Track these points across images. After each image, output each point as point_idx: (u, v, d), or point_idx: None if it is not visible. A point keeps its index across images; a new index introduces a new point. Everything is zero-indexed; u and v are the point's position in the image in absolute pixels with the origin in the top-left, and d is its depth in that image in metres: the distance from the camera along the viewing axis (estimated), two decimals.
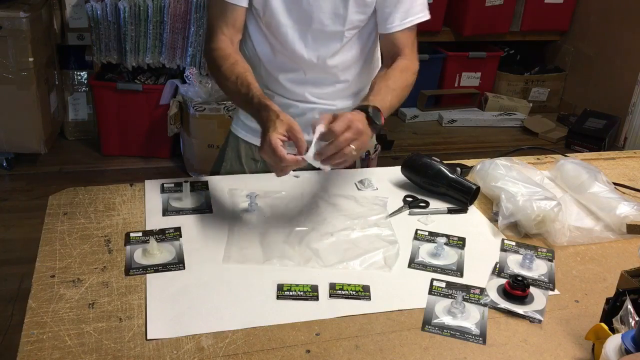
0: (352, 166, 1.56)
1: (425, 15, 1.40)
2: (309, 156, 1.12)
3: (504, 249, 1.23)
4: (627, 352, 0.83)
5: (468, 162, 1.51)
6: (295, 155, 1.13)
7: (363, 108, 1.22)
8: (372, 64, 1.52)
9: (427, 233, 1.27)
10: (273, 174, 1.45)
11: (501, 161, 1.42)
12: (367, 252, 1.19)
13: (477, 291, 1.10)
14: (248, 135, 1.56)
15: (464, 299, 1.06)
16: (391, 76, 1.37)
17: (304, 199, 1.35)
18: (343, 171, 1.48)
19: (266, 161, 1.16)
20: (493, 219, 1.34)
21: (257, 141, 1.54)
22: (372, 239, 1.23)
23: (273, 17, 1.37)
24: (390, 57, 1.42)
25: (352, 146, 1.13)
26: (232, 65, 1.33)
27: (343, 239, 1.23)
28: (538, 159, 1.66)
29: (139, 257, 1.14)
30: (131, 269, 1.11)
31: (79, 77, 3.56)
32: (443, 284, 1.11)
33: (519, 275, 1.10)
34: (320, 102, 1.50)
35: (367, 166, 1.60)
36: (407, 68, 1.40)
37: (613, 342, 0.87)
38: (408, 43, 1.41)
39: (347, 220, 1.29)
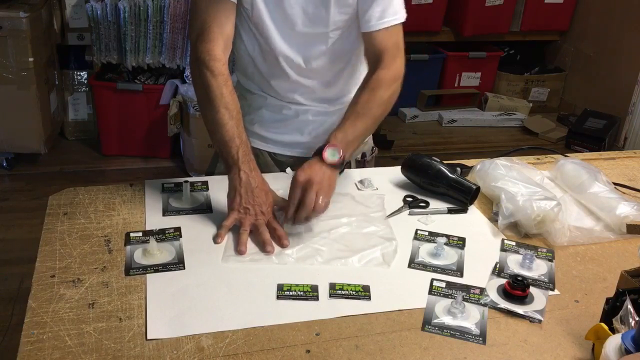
0: (348, 167, 1.57)
1: (401, 17, 1.36)
2: (288, 227, 1.24)
3: (504, 249, 1.23)
4: (627, 352, 0.84)
5: (468, 162, 1.51)
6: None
7: (320, 150, 1.28)
8: (364, 64, 1.48)
9: (427, 233, 1.27)
10: (271, 174, 1.46)
11: (501, 161, 1.42)
12: (365, 249, 1.19)
13: (477, 291, 1.10)
14: None
15: (464, 299, 1.06)
16: (361, 99, 1.34)
17: None
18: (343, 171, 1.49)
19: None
20: (493, 219, 1.34)
21: (252, 142, 1.54)
22: (370, 236, 1.24)
23: (259, 18, 1.34)
24: (371, 63, 1.38)
25: (320, 202, 1.22)
26: (220, 93, 1.27)
27: (341, 236, 1.23)
28: (538, 159, 1.66)
29: (139, 257, 1.14)
30: (131, 269, 1.11)
31: (79, 77, 3.55)
32: (443, 284, 1.11)
33: (519, 275, 1.10)
34: (311, 104, 1.49)
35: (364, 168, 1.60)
36: (380, 83, 1.34)
37: (613, 342, 0.87)
38: (388, 46, 1.35)
39: (344, 217, 1.29)
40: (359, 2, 1.34)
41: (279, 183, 1.38)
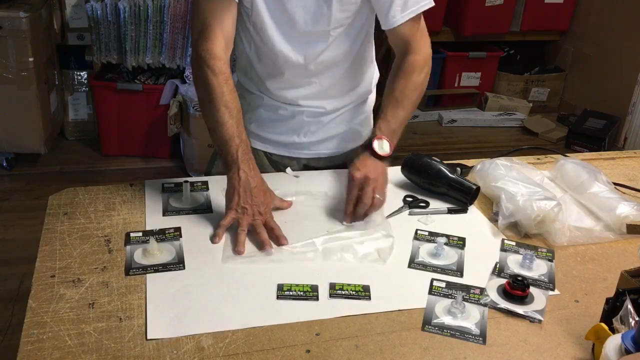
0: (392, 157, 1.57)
1: (428, 3, 1.35)
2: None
3: (504, 249, 1.23)
4: (627, 352, 0.84)
5: (468, 162, 1.51)
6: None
7: (369, 145, 1.31)
8: (363, 60, 1.49)
9: (427, 233, 1.27)
10: (270, 174, 1.46)
11: (501, 161, 1.42)
12: (360, 244, 1.20)
13: (477, 291, 1.10)
14: None
15: (464, 299, 1.06)
16: (397, 86, 1.36)
17: (300, 198, 1.35)
18: (342, 171, 1.48)
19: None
20: (493, 219, 1.34)
21: (250, 142, 1.54)
22: (366, 232, 1.24)
23: (259, 17, 1.34)
24: (399, 51, 1.40)
25: (377, 195, 1.26)
26: (221, 92, 1.27)
27: (337, 232, 1.23)
28: (538, 159, 1.66)
29: (139, 257, 1.14)
30: (131, 269, 1.11)
31: (79, 77, 3.55)
32: (443, 284, 1.11)
33: (519, 275, 1.10)
34: (309, 104, 1.48)
35: None
36: (414, 67, 1.37)
37: (613, 342, 0.87)
38: (414, 33, 1.37)
39: (341, 214, 1.29)
40: (376, 2, 1.34)
41: (278, 183, 1.38)
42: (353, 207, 1.27)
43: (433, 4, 1.36)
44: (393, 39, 1.40)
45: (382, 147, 1.31)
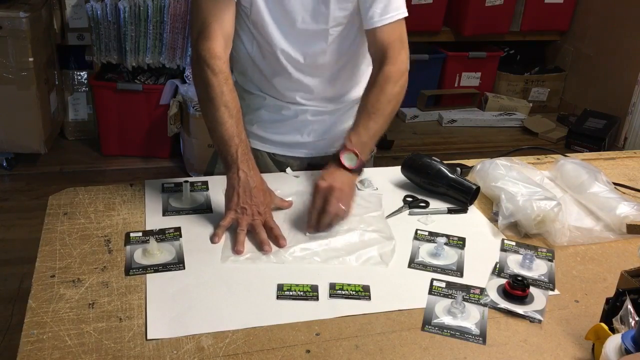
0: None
1: (403, 12, 1.36)
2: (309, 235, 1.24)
3: (504, 249, 1.23)
4: (627, 352, 0.84)
5: (468, 162, 1.51)
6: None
7: (337, 157, 1.30)
8: (363, 59, 1.49)
9: (427, 233, 1.27)
10: (270, 174, 1.46)
11: (501, 161, 1.42)
12: (362, 248, 1.19)
13: (477, 291, 1.10)
14: None
15: (464, 299, 1.06)
16: (370, 98, 1.34)
17: (300, 198, 1.35)
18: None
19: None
20: (493, 219, 1.34)
21: (252, 143, 1.54)
22: (367, 235, 1.24)
23: (258, 16, 1.34)
24: (377, 61, 1.38)
25: (341, 206, 1.23)
26: (221, 91, 1.27)
27: (338, 235, 1.23)
28: (538, 159, 1.66)
29: (139, 257, 1.14)
30: (131, 269, 1.11)
31: (79, 77, 3.55)
32: (443, 284, 1.11)
33: (519, 275, 1.10)
34: (311, 103, 1.48)
35: None
36: (389, 78, 1.34)
37: (613, 342, 0.87)
38: (392, 40, 1.36)
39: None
40: (360, 0, 1.34)
41: (278, 183, 1.38)
42: (317, 217, 1.24)
43: (407, 14, 1.37)
44: (372, 45, 1.39)
45: (351, 159, 1.29)
